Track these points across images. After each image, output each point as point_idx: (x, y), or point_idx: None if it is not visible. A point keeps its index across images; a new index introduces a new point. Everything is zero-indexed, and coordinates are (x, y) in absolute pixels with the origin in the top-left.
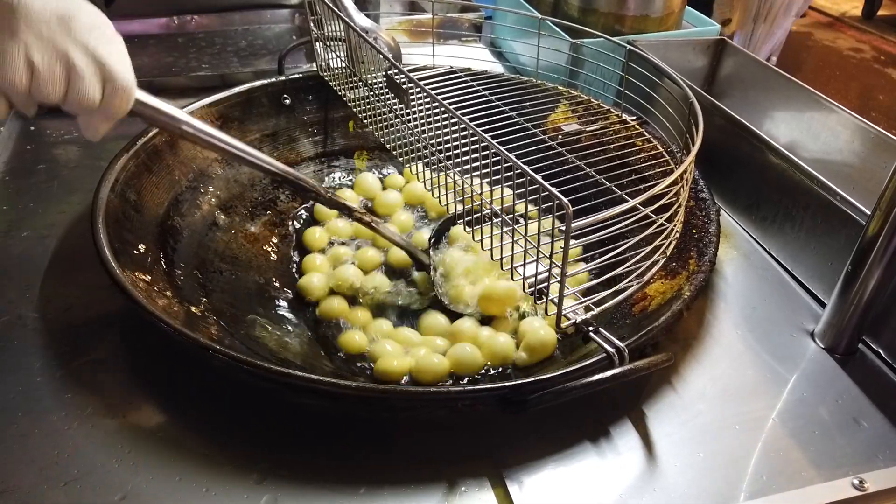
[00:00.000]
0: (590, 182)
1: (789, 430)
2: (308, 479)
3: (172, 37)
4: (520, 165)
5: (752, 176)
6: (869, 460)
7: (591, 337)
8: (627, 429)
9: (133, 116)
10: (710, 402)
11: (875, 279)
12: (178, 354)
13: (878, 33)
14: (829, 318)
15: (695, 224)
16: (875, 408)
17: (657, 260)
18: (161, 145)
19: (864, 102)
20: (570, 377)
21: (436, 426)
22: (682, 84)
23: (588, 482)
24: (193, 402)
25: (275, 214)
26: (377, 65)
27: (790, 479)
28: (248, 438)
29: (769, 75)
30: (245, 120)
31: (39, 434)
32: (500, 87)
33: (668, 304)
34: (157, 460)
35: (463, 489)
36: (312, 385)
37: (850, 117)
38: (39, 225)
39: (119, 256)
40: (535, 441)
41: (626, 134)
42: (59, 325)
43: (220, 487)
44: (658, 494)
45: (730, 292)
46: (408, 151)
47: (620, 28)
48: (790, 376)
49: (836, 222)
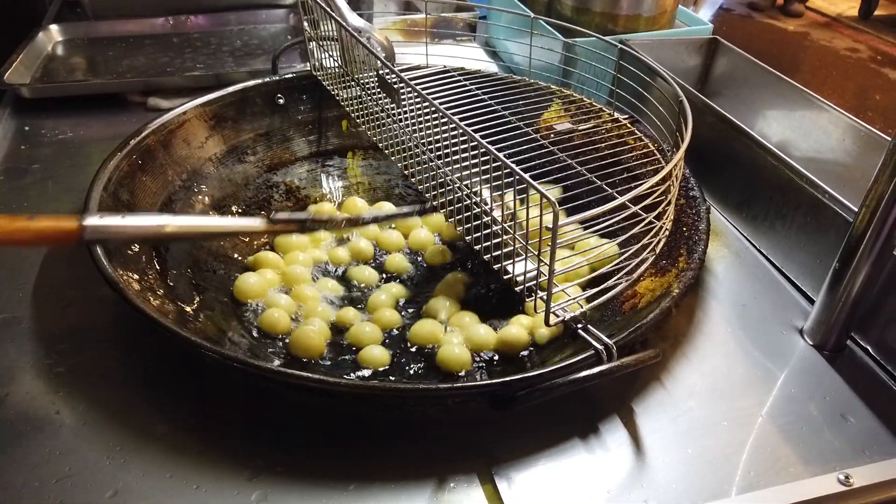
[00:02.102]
0: (581, 180)
1: (778, 426)
2: (299, 475)
3: (168, 37)
4: (507, 164)
5: (743, 174)
6: (856, 456)
7: (580, 334)
8: (617, 425)
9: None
10: (700, 399)
11: (862, 276)
12: (170, 353)
13: (875, 33)
14: (818, 316)
15: (685, 222)
16: (863, 404)
17: (646, 257)
18: (154, 145)
19: (861, 102)
20: (559, 374)
21: (425, 423)
22: (673, 82)
23: (577, 478)
24: (185, 399)
25: (268, 213)
26: (370, 64)
27: (778, 475)
28: (239, 436)
29: (762, 74)
30: (239, 119)
31: (32, 431)
32: (493, 87)
33: (658, 302)
34: (148, 457)
35: (452, 485)
36: (302, 382)
37: (842, 116)
38: None
39: (112, 256)
40: (524, 438)
41: (618, 133)
42: (53, 324)
43: (212, 484)
44: (647, 490)
45: (720, 290)
46: (400, 151)
47: (613, 27)
48: (779, 373)
49: (825, 220)
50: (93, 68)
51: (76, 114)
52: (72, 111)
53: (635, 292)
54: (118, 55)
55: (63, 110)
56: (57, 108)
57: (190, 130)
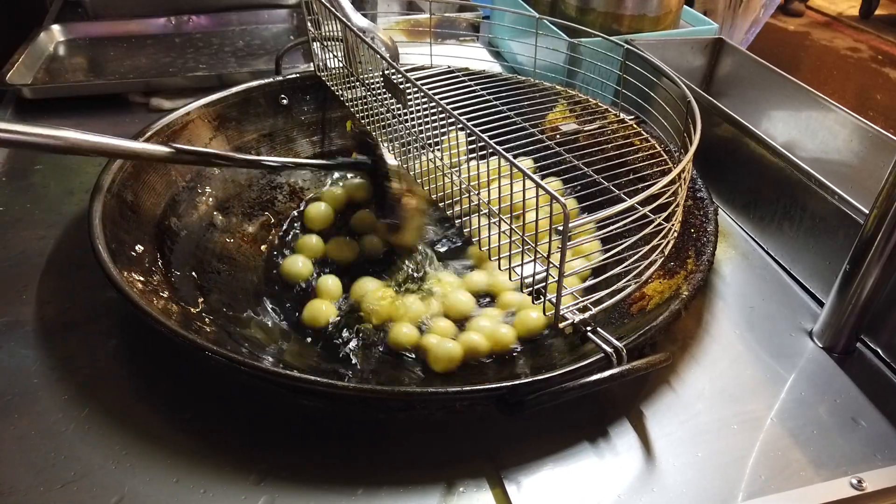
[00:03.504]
0: (588, 182)
1: (788, 429)
2: (306, 480)
3: (170, 37)
4: (516, 164)
5: (750, 175)
6: (867, 460)
7: (589, 337)
8: (626, 429)
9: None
10: (709, 402)
11: (873, 278)
12: (175, 355)
13: (876, 33)
14: (828, 318)
15: (693, 223)
16: (873, 407)
17: (655, 259)
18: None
19: (862, 102)
20: (568, 377)
21: (434, 426)
22: (680, 83)
23: (586, 482)
24: (191, 403)
25: (272, 215)
26: (374, 65)
27: (789, 479)
28: (246, 439)
29: (767, 74)
30: (242, 120)
31: (37, 436)
32: (497, 87)
33: (667, 304)
34: (154, 462)
35: (461, 490)
36: (310, 385)
37: (849, 116)
38: (37, 226)
39: (116, 257)
40: (533, 441)
41: (624, 133)
42: (57, 326)
43: (218, 489)
44: (657, 494)
45: (728, 292)
46: (406, 151)
47: (618, 27)
48: (788, 376)
49: (834, 221)
50: (94, 69)
51: (78, 114)
52: (74, 112)
53: (643, 294)
54: (120, 55)
55: (65, 111)
56: (59, 109)
57: (194, 131)
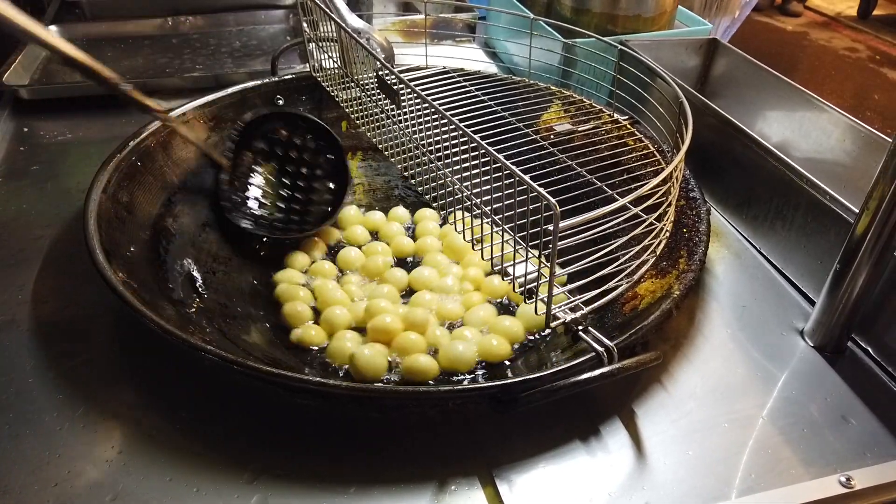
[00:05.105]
0: (581, 182)
1: (779, 428)
2: (299, 478)
3: (167, 38)
4: (507, 165)
5: (743, 175)
6: (857, 458)
7: (580, 336)
8: (617, 427)
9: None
10: (700, 401)
11: (863, 277)
12: (170, 355)
13: (874, 33)
14: (819, 317)
15: (685, 223)
16: (864, 405)
17: (647, 259)
18: (154, 146)
19: (860, 102)
20: (559, 376)
21: (426, 425)
22: (673, 83)
23: (578, 481)
24: (185, 402)
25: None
26: (369, 65)
27: (779, 477)
28: (239, 438)
29: (761, 75)
30: (239, 120)
31: (31, 435)
32: (492, 88)
33: (658, 304)
34: (148, 460)
35: (453, 488)
36: (302, 385)
37: (842, 116)
38: (32, 226)
39: (111, 258)
40: (524, 440)
41: (617, 134)
42: (52, 326)
43: (211, 487)
44: (648, 493)
45: (720, 291)
46: (400, 152)
47: (613, 28)
48: (780, 374)
49: (826, 221)
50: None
51: (75, 115)
52: (70, 112)
53: (636, 294)
54: (117, 56)
55: (62, 112)
56: (56, 110)
57: (190, 131)
